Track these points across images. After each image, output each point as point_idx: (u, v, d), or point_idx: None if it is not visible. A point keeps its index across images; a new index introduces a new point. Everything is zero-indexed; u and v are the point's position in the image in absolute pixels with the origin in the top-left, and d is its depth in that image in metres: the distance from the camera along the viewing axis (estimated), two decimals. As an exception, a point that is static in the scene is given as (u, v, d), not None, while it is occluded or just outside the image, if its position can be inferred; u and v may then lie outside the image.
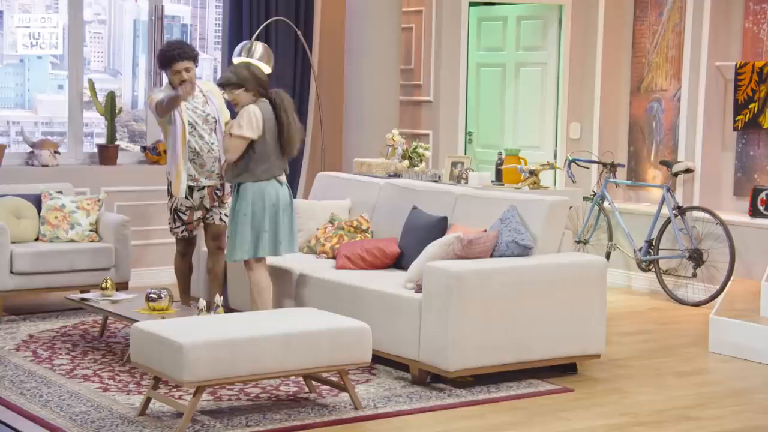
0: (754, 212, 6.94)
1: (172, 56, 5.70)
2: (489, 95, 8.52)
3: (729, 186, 7.32)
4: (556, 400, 4.84)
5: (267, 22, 7.59)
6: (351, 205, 6.37)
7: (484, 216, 5.43)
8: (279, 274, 5.82)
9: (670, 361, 5.60)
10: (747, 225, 6.94)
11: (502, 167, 7.19)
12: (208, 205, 5.87)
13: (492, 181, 7.14)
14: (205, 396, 4.59)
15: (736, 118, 7.11)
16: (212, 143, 5.80)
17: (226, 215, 5.83)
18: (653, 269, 7.35)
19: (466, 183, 6.62)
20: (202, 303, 5.12)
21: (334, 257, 5.94)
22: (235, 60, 7.25)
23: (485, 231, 5.27)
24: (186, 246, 6.00)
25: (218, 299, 5.19)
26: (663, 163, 7.44)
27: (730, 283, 6.71)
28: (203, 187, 5.81)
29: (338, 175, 6.83)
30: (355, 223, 6.11)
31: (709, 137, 7.28)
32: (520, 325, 5.00)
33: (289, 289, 5.74)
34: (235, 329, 4.38)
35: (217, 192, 5.89)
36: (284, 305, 5.63)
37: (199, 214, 5.87)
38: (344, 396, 4.72)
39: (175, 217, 5.87)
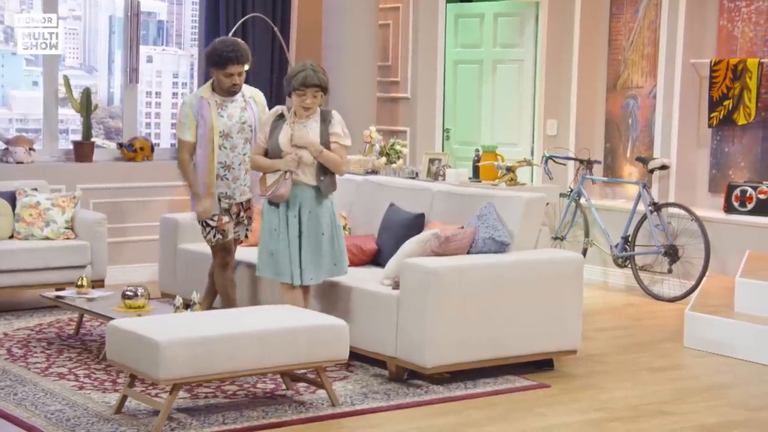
0: (729, 208, 6.99)
1: (229, 58, 5.26)
2: (466, 92, 8.54)
3: (704, 182, 7.37)
4: (532, 396, 4.86)
5: (244, 18, 7.56)
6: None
7: (461, 213, 5.44)
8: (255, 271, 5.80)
9: (646, 357, 5.64)
10: (722, 221, 6.99)
11: (479, 164, 7.21)
12: (234, 217, 5.47)
13: (469, 178, 7.16)
14: (181, 394, 4.57)
15: (711, 115, 7.16)
16: (245, 154, 5.35)
17: (251, 232, 5.56)
18: (629, 265, 7.39)
19: (444, 180, 6.63)
20: (179, 300, 5.10)
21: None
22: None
23: (462, 228, 5.28)
24: (225, 254, 5.48)
25: (195, 296, 5.16)
26: (639, 159, 7.48)
27: (705, 278, 6.76)
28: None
29: (315, 171, 6.80)
30: (333, 220, 6.10)
31: (685, 134, 7.33)
32: (496, 322, 5.02)
33: (266, 286, 5.72)
34: (212, 327, 4.37)
35: (243, 204, 5.51)
36: (261, 302, 5.61)
37: (226, 219, 5.43)
38: (321, 393, 4.71)
39: (204, 224, 5.45)
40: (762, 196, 6.82)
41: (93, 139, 7.45)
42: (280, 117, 5.01)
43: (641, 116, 7.69)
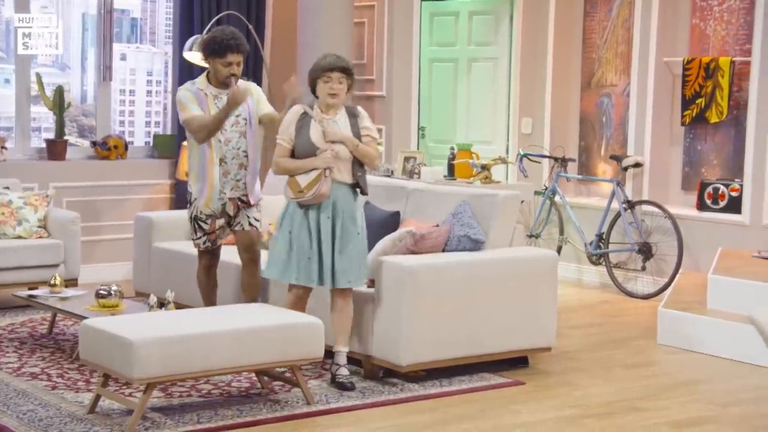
0: (702, 206, 7.05)
1: (228, 46, 5.06)
2: (441, 90, 8.55)
3: (677, 180, 7.42)
4: (507, 393, 4.88)
5: (218, 16, 7.53)
6: (303, 200, 6.35)
7: (437, 211, 5.45)
8: (230, 270, 5.79)
9: (620, 354, 5.67)
10: (694, 219, 7.04)
11: (455, 162, 7.23)
12: (231, 213, 5.26)
13: (444, 176, 7.17)
14: (155, 393, 4.55)
15: (684, 113, 7.21)
16: (239, 148, 5.17)
17: (256, 219, 5.30)
18: (603, 263, 7.43)
19: (419, 178, 6.65)
20: (153, 299, 5.08)
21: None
22: (187, 55, 7.20)
23: (437, 226, 5.29)
24: (210, 259, 5.40)
25: (169, 295, 5.14)
26: (613, 157, 7.52)
27: (678, 276, 6.81)
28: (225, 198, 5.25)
29: (290, 170, 6.79)
30: (308, 218, 6.09)
31: (658, 132, 7.37)
32: (471, 319, 5.03)
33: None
34: (186, 325, 4.35)
35: (241, 200, 5.28)
36: (236, 301, 5.60)
37: (221, 222, 5.26)
38: (296, 391, 4.71)
39: (196, 226, 5.28)
40: (734, 194, 6.87)
41: (66, 138, 7.40)
42: (305, 115, 4.82)
43: (615, 114, 7.73)
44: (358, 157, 4.80)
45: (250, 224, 5.29)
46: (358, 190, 4.87)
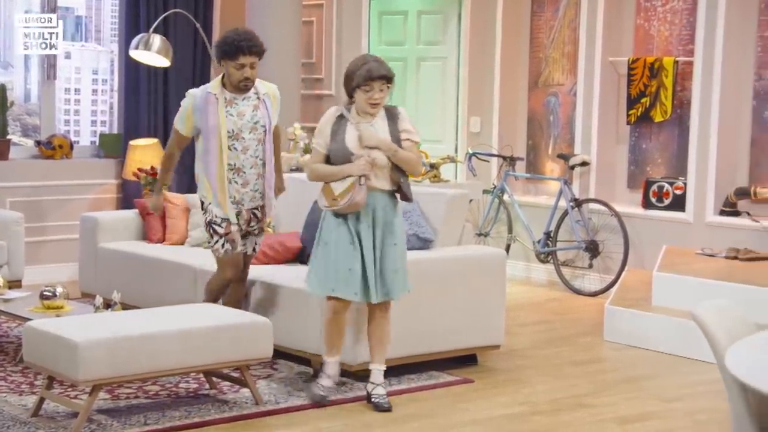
0: (647, 204, 7.14)
1: (240, 47, 4.76)
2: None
3: (623, 178, 7.51)
4: (456, 391, 4.90)
5: (165, 14, 7.46)
6: (252, 199, 6.32)
7: (385, 209, 5.44)
8: (179, 271, 5.75)
9: (567, 351, 5.73)
10: (640, 216, 7.14)
11: (404, 161, 7.22)
12: (243, 226, 4.96)
13: (393, 175, 7.17)
14: (102, 395, 4.50)
15: (629, 112, 7.30)
16: (257, 156, 4.86)
17: (259, 246, 5.09)
18: (551, 261, 7.49)
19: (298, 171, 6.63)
20: (99, 300, 5.02)
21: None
22: (134, 54, 7.12)
23: (386, 224, 5.28)
24: (236, 270, 4.96)
25: (116, 296, 5.08)
26: (560, 156, 7.59)
27: (624, 273, 6.89)
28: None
29: (239, 169, 6.76)
30: (256, 218, 6.06)
31: (604, 131, 7.46)
32: (420, 318, 5.04)
33: (189, 285, 5.67)
34: (132, 326, 4.30)
35: (256, 212, 5.00)
36: (184, 302, 5.55)
37: (236, 228, 4.92)
38: (245, 392, 4.68)
39: (212, 231, 4.92)
40: (678, 192, 6.98)
41: (9, 137, 7.28)
42: (341, 118, 4.48)
43: (562, 113, 7.81)
44: (397, 163, 4.43)
45: (254, 250, 5.08)
46: (397, 196, 4.52)
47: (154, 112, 7.76)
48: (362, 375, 4.98)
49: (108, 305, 5.08)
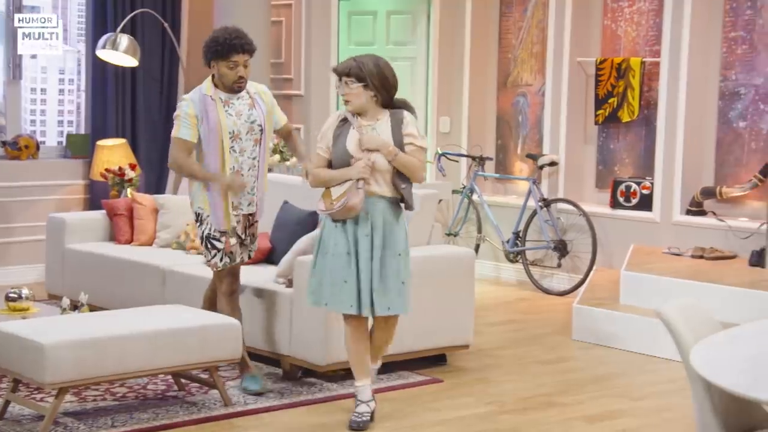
0: (615, 204, 7.19)
1: (233, 45, 4.58)
2: (360, 89, 8.55)
3: (591, 178, 7.55)
4: (425, 391, 4.91)
5: (132, 14, 7.42)
6: (221, 200, 6.30)
7: (354, 210, 5.44)
8: (148, 272, 5.72)
9: (536, 350, 5.75)
10: (608, 216, 7.18)
11: (373, 161, 7.22)
12: (240, 233, 4.75)
13: (363, 175, 7.17)
14: (68, 397, 4.46)
15: (597, 113, 7.35)
16: (254, 157, 4.68)
17: (253, 253, 4.89)
18: (520, 260, 7.53)
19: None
20: (66, 302, 4.98)
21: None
22: (101, 54, 7.07)
23: (355, 225, 5.28)
24: (232, 282, 4.76)
25: (83, 297, 5.05)
26: (529, 156, 7.63)
27: (592, 272, 6.93)
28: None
29: (207, 169, 6.73)
30: (225, 219, 6.04)
31: (572, 131, 7.50)
32: (390, 318, 5.04)
33: (157, 286, 5.64)
34: (100, 328, 4.28)
35: (249, 218, 4.80)
36: (152, 303, 5.52)
37: (234, 241, 4.73)
38: (214, 393, 4.67)
39: (209, 245, 4.69)
40: (645, 192, 7.03)
41: (-25, 137, 7.21)
42: (344, 121, 4.33)
43: (531, 113, 7.84)
44: (397, 167, 4.23)
45: (249, 256, 4.88)
46: (402, 204, 4.34)
47: (122, 113, 7.71)
48: (331, 376, 4.98)
49: (75, 307, 5.05)
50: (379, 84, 4.23)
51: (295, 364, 4.99)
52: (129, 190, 6.95)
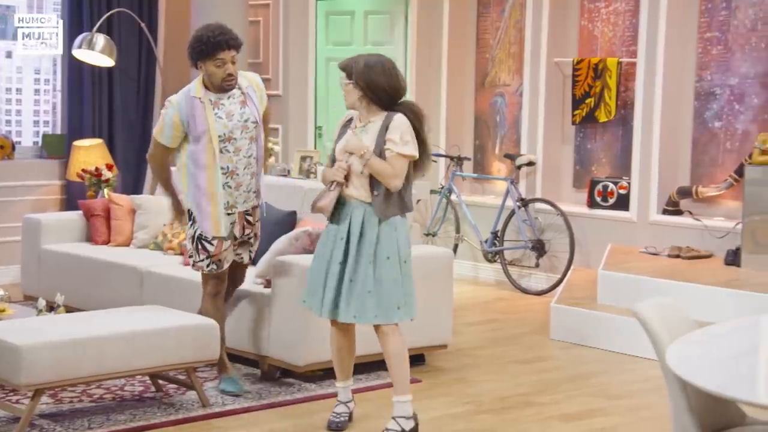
0: (592, 203, 7.22)
1: (218, 43, 4.43)
2: (339, 89, 8.47)
3: (569, 178, 7.59)
4: (404, 390, 4.90)
5: (109, 13, 7.38)
6: (198, 200, 6.28)
7: (332, 210, 5.44)
8: (125, 272, 5.69)
9: (514, 350, 5.77)
10: (585, 216, 7.21)
11: (351, 161, 7.22)
12: (238, 235, 4.65)
13: (341, 175, 7.16)
14: (45, 399, 4.44)
15: (574, 113, 7.38)
16: (250, 155, 4.55)
17: (254, 253, 4.79)
18: (499, 260, 7.55)
19: (315, 177, 6.63)
20: (42, 303, 4.94)
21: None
22: (77, 53, 7.03)
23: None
24: (216, 284, 4.68)
25: (59, 298, 5.01)
26: (507, 156, 7.65)
27: (570, 272, 6.96)
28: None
29: (185, 170, 6.71)
30: (203, 219, 6.02)
31: (550, 131, 7.53)
32: (368, 318, 5.04)
33: (134, 287, 5.61)
34: (76, 329, 4.25)
35: (248, 218, 4.69)
36: (130, 304, 5.50)
37: (228, 244, 4.63)
38: (192, 394, 4.65)
39: (199, 247, 4.59)
40: (622, 191, 7.07)
41: (-51, 137, 7.15)
42: (349, 122, 4.25)
43: (509, 113, 7.87)
44: (370, 172, 4.08)
45: (250, 257, 4.78)
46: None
47: (99, 113, 7.67)
48: (309, 376, 4.97)
49: (51, 308, 5.02)
50: (364, 84, 4.10)
51: (273, 365, 4.98)
52: (106, 191, 6.92)
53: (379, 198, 4.11)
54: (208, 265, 4.63)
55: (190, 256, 4.68)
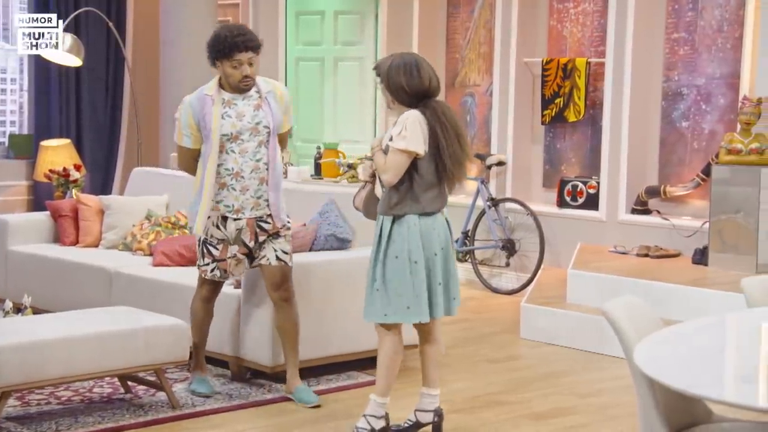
0: (562, 203, 7.26)
1: (235, 44, 4.39)
2: (308, 89, 8.55)
3: (538, 178, 7.62)
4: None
5: (76, 12, 7.33)
6: (168, 200, 6.25)
7: (303, 210, 5.44)
8: (93, 273, 5.65)
9: (485, 349, 5.79)
10: (555, 215, 7.25)
11: (321, 161, 7.23)
12: (248, 241, 4.54)
13: (311, 175, 7.17)
14: (11, 401, 4.39)
15: (544, 113, 7.42)
16: (259, 159, 4.45)
17: (284, 252, 4.58)
18: (469, 260, 7.57)
19: (286, 177, 6.61)
20: (9, 305, 4.90)
21: (150, 254, 5.82)
22: (43, 53, 6.97)
23: (304, 225, 5.28)
24: (211, 291, 4.69)
25: (26, 300, 4.97)
26: (477, 156, 7.67)
27: (540, 271, 6.99)
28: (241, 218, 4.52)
29: (155, 170, 6.68)
30: (173, 219, 6.00)
31: (519, 131, 7.56)
32: (339, 318, 5.04)
33: (103, 288, 5.57)
34: (44, 331, 4.22)
35: (263, 224, 4.55)
36: (99, 305, 5.46)
37: (235, 249, 4.55)
38: (161, 395, 4.63)
39: (204, 251, 4.58)
40: (591, 191, 7.11)
41: None
42: None
43: (479, 113, 7.89)
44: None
45: (278, 258, 4.56)
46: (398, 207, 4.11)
47: (66, 112, 7.62)
48: (280, 376, 4.96)
49: (18, 310, 4.96)
50: (386, 84, 4.06)
51: (243, 366, 4.96)
52: (74, 191, 6.86)
53: (384, 194, 4.09)
54: (212, 270, 4.61)
55: (197, 261, 4.67)
